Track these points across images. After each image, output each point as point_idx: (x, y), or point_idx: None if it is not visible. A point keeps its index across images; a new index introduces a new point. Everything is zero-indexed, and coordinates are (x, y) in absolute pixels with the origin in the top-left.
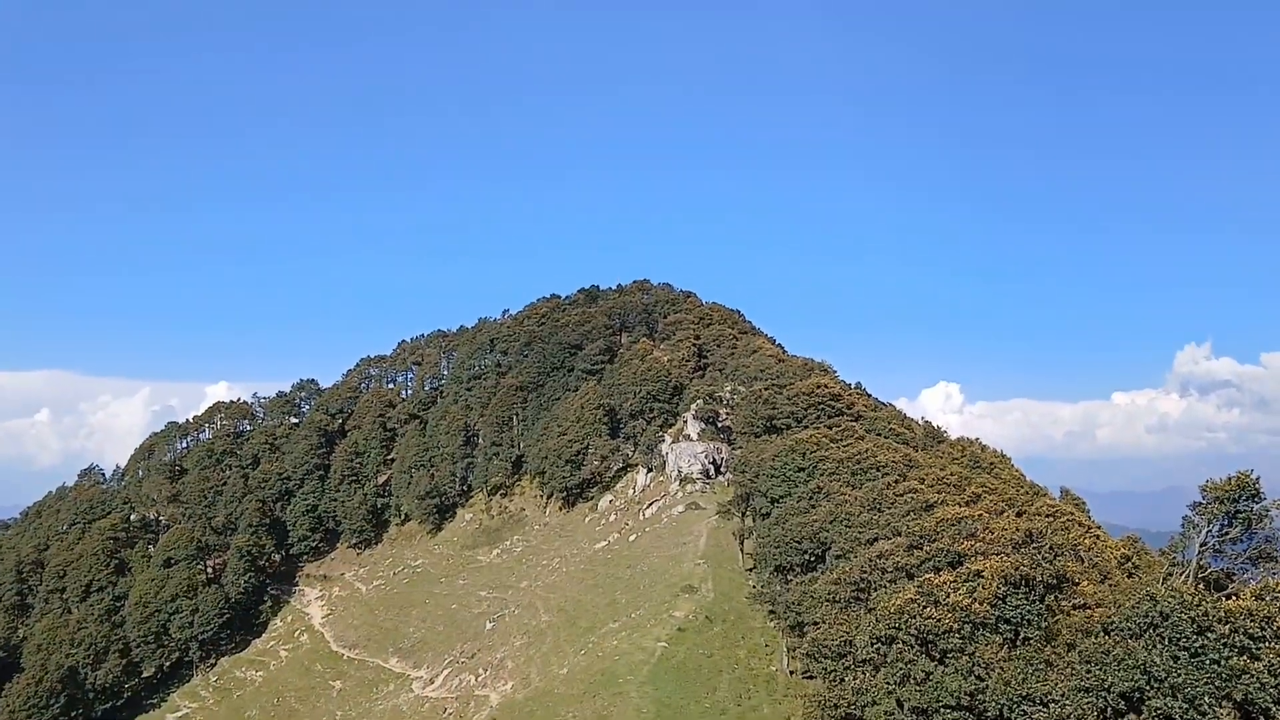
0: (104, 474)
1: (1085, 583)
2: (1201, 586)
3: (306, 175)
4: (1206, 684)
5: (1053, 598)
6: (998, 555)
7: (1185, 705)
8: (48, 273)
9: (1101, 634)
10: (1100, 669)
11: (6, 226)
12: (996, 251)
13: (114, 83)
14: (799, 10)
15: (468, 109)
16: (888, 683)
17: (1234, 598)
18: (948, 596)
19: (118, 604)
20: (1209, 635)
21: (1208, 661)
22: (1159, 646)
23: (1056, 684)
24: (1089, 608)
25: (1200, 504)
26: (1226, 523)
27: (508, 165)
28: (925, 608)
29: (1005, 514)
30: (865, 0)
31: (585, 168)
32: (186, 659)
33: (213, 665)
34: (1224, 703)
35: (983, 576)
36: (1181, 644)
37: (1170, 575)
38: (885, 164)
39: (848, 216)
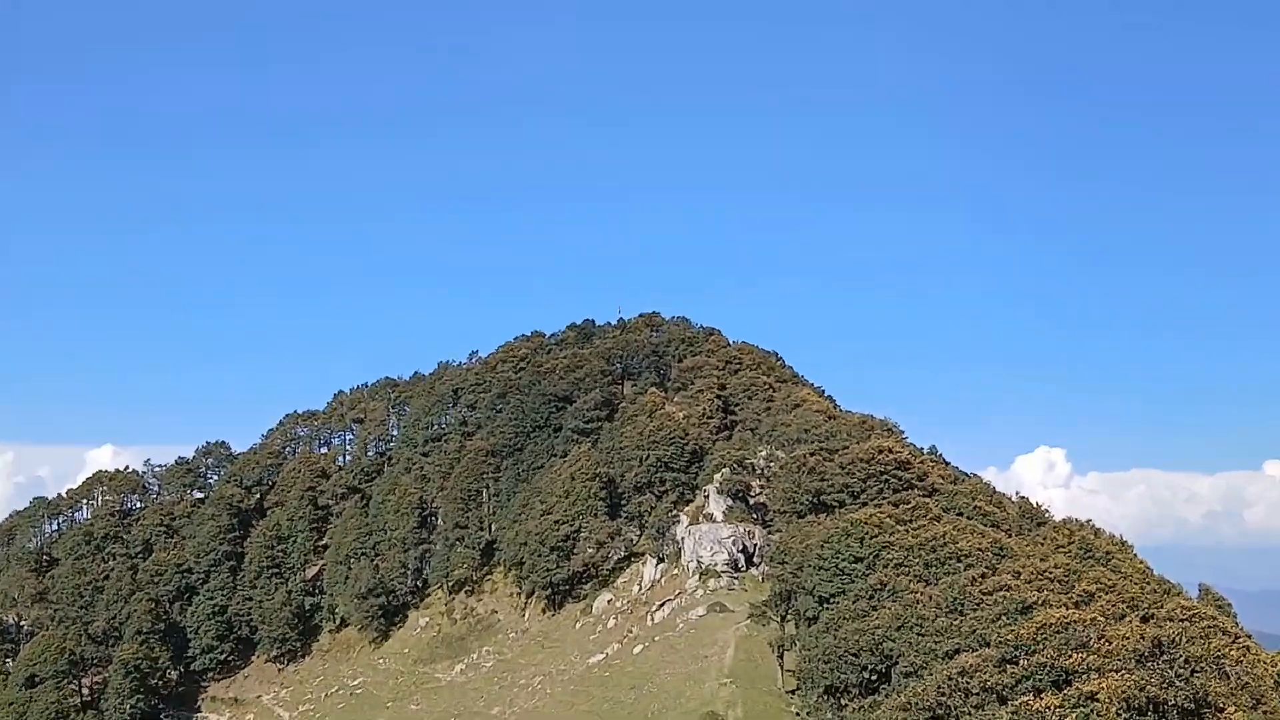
0: None
1: (1232, 709)
2: None
3: (218, 187)
4: None
5: None
6: (1117, 672)
7: None
8: None
9: None
10: None
11: None
12: (1110, 286)
13: None
14: (873, 21)
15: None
16: None
17: None
18: None
19: None
20: None
21: None
22: None
23: None
24: None
25: None
26: None
27: (473, 170)
28: None
29: (1126, 618)
30: (947, 18)
31: (574, 169)
32: None
33: None
34: None
35: (1098, 700)
36: None
37: None
38: (961, 183)
39: (915, 242)
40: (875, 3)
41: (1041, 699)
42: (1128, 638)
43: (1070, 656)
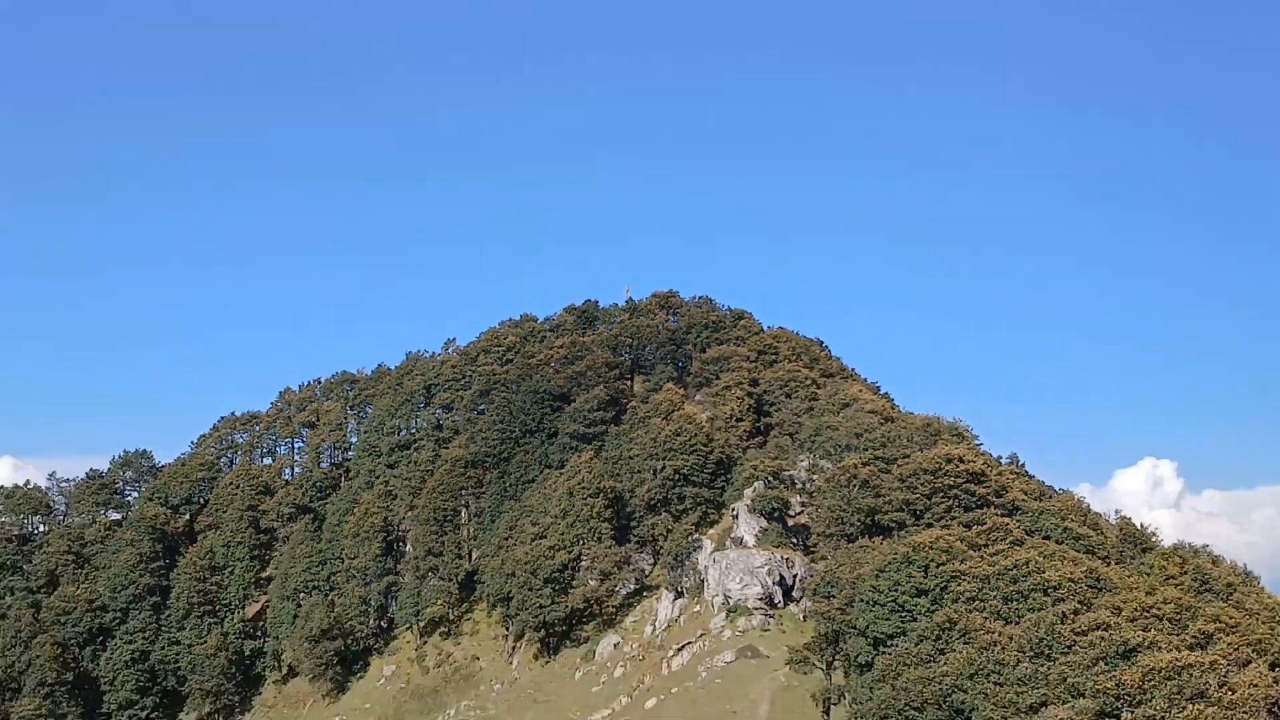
0: None
1: None
2: None
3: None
4: None
5: None
6: None
7: None
8: None
9: None
10: None
11: None
12: (1229, 264)
13: None
14: None
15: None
16: None
17: None
18: None
19: None
20: None
21: None
22: None
23: None
24: None
25: None
26: None
27: (455, 120)
28: None
29: (1252, 664)
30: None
31: (576, 114)
32: None
33: None
34: None
35: None
36: None
37: None
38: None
39: (995, 204)
40: None
41: None
42: (1256, 685)
43: (1185, 708)
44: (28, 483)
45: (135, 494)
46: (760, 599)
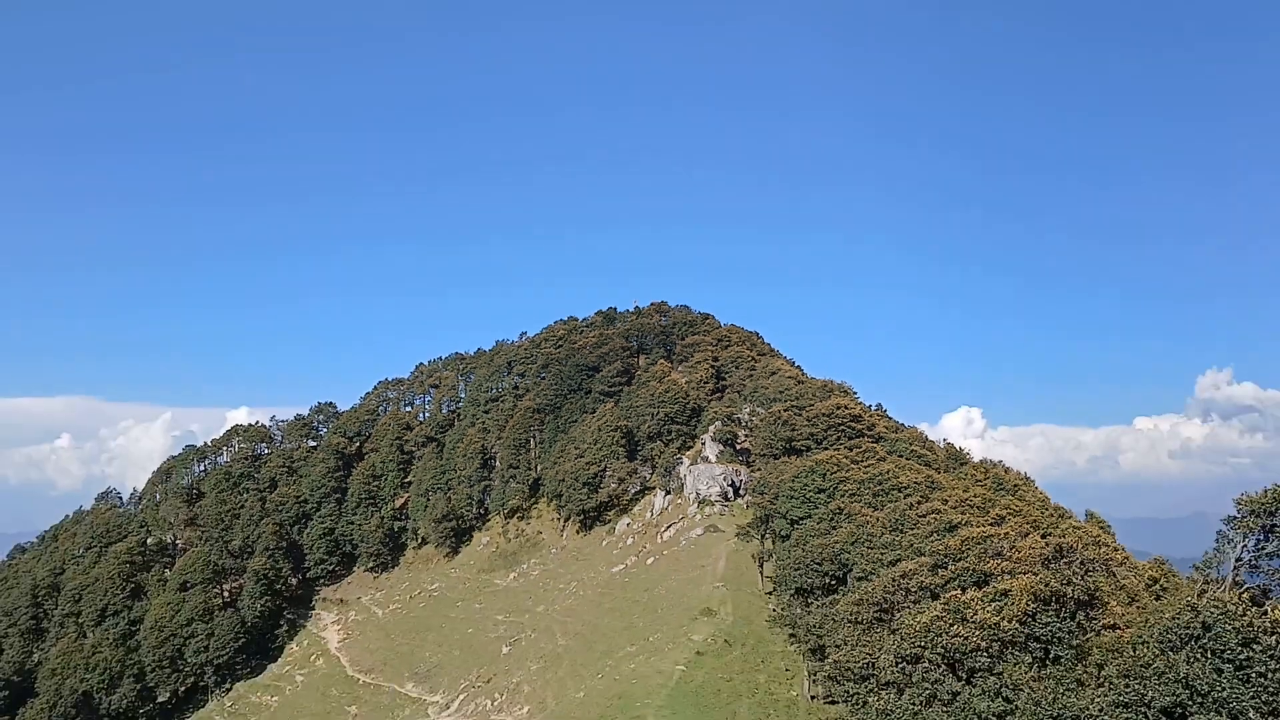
0: (121, 498)
1: (1114, 604)
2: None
3: (324, 199)
4: (1253, 698)
5: (1084, 615)
6: (1026, 574)
7: None
8: (73, 301)
9: (1141, 647)
10: (1140, 683)
11: (33, 262)
12: (1014, 268)
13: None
14: (814, 24)
15: (478, 131)
16: (913, 704)
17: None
18: (975, 614)
19: (133, 628)
20: (1255, 647)
21: (1254, 675)
22: (1202, 659)
23: (1093, 700)
24: (1119, 628)
25: (1235, 518)
26: (1263, 537)
27: (523, 191)
28: (952, 625)
29: (1030, 535)
30: (872, 15)
31: (602, 190)
32: (202, 684)
33: (228, 690)
34: (1271, 718)
35: (1010, 595)
36: (1226, 656)
37: (1205, 592)
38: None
39: (866, 241)
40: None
41: (965, 594)
42: (1034, 547)
43: (988, 562)
44: (257, 423)
45: (325, 430)
46: (719, 495)
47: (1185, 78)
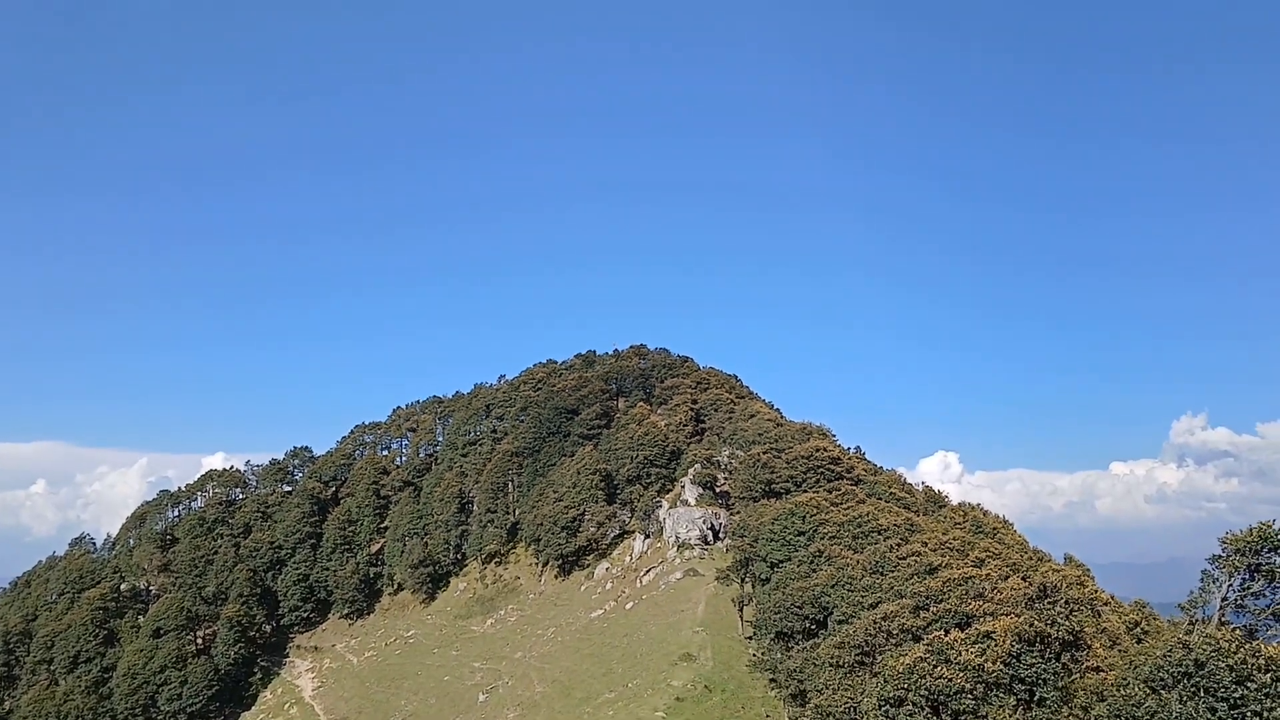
0: (94, 543)
1: (1097, 646)
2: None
3: (301, 251)
4: None
5: (1069, 656)
6: (1009, 615)
7: None
8: (47, 346)
9: (1126, 687)
10: None
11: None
12: (991, 314)
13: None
14: (786, 55)
15: (459, 171)
16: None
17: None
18: (959, 655)
19: (106, 675)
20: (1249, 685)
21: (1249, 713)
22: (1195, 698)
23: None
24: (1102, 671)
25: (1220, 557)
26: (1249, 576)
27: (503, 232)
28: (935, 667)
29: (1011, 577)
30: (843, 46)
31: (581, 232)
32: None
33: None
34: None
35: (994, 636)
36: (1220, 695)
37: (1191, 632)
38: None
39: (842, 284)
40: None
41: (949, 635)
42: (1016, 588)
43: (971, 604)
44: (232, 468)
45: (300, 474)
46: (698, 539)
47: (1169, 103)
